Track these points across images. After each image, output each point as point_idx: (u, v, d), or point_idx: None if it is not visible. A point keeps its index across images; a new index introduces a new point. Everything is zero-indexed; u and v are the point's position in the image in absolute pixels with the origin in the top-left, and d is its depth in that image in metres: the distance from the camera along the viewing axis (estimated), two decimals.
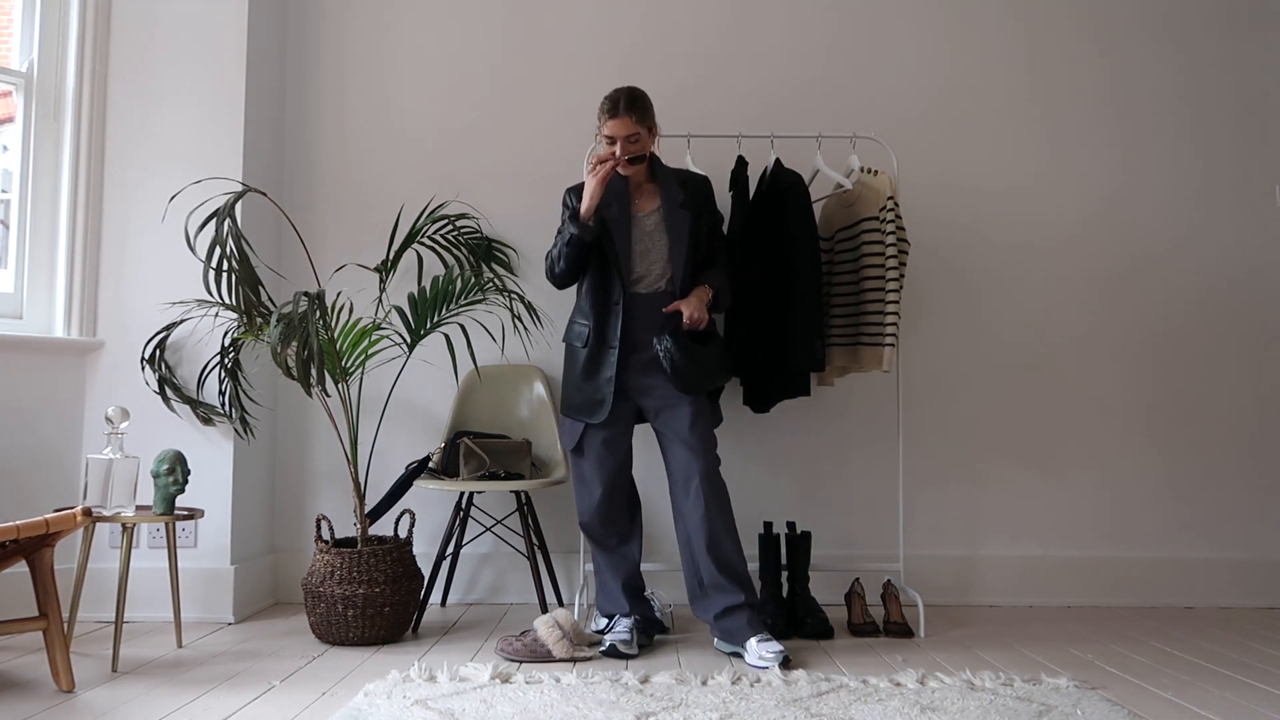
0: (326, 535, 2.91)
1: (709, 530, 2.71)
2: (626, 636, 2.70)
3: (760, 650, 2.58)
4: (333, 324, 2.80)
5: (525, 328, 3.35)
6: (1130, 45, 3.63)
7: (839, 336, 3.15)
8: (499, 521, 3.41)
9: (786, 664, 2.54)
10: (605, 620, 2.85)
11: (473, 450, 3.09)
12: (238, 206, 2.81)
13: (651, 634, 2.84)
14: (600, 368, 2.78)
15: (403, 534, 2.99)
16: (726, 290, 2.88)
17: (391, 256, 3.29)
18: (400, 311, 3.12)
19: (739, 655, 2.68)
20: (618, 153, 2.73)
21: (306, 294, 2.64)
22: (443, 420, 3.42)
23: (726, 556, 2.72)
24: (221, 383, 3.10)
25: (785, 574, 3.09)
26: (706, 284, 2.82)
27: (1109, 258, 3.58)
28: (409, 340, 3.13)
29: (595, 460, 2.80)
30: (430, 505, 3.37)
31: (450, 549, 3.19)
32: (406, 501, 3.15)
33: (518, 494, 3.16)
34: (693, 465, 2.74)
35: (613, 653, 2.66)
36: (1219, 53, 3.63)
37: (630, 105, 2.71)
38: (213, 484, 3.12)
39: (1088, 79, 3.62)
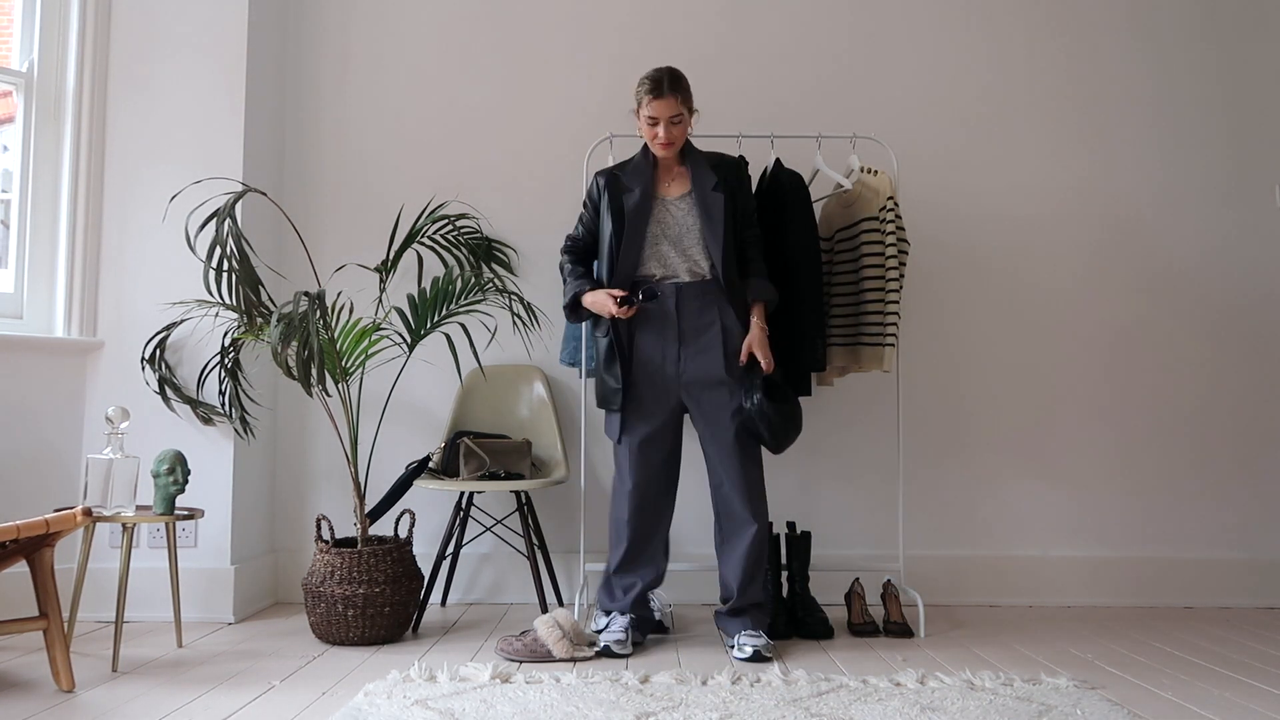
0: (326, 535, 2.91)
1: (745, 562, 2.77)
2: (621, 636, 2.70)
3: (740, 640, 2.68)
4: (333, 324, 2.80)
5: (525, 328, 3.35)
6: (1130, 46, 3.63)
7: (839, 336, 3.15)
8: (499, 521, 3.41)
9: (760, 658, 2.61)
10: (604, 618, 2.85)
11: (473, 450, 3.09)
12: (238, 206, 2.81)
13: (645, 632, 2.84)
14: (616, 355, 2.77)
15: (403, 534, 2.99)
16: (774, 292, 2.79)
17: (391, 256, 3.29)
18: (400, 311, 3.12)
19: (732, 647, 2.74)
20: (660, 134, 2.70)
21: (306, 294, 2.65)
22: (443, 420, 3.42)
23: (754, 585, 2.79)
24: (221, 383, 3.10)
25: (785, 574, 3.09)
26: (757, 299, 2.75)
27: (1109, 258, 3.58)
28: (409, 340, 3.13)
29: (630, 458, 2.78)
30: (430, 505, 3.37)
31: (450, 549, 3.19)
32: (406, 501, 3.15)
33: (518, 494, 3.16)
34: (727, 475, 2.76)
35: (607, 653, 2.67)
36: (1219, 53, 3.63)
37: (674, 85, 2.69)
38: (213, 484, 3.12)
39: (1087, 80, 3.62)
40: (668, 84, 2.69)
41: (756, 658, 2.62)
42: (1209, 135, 3.61)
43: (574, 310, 2.83)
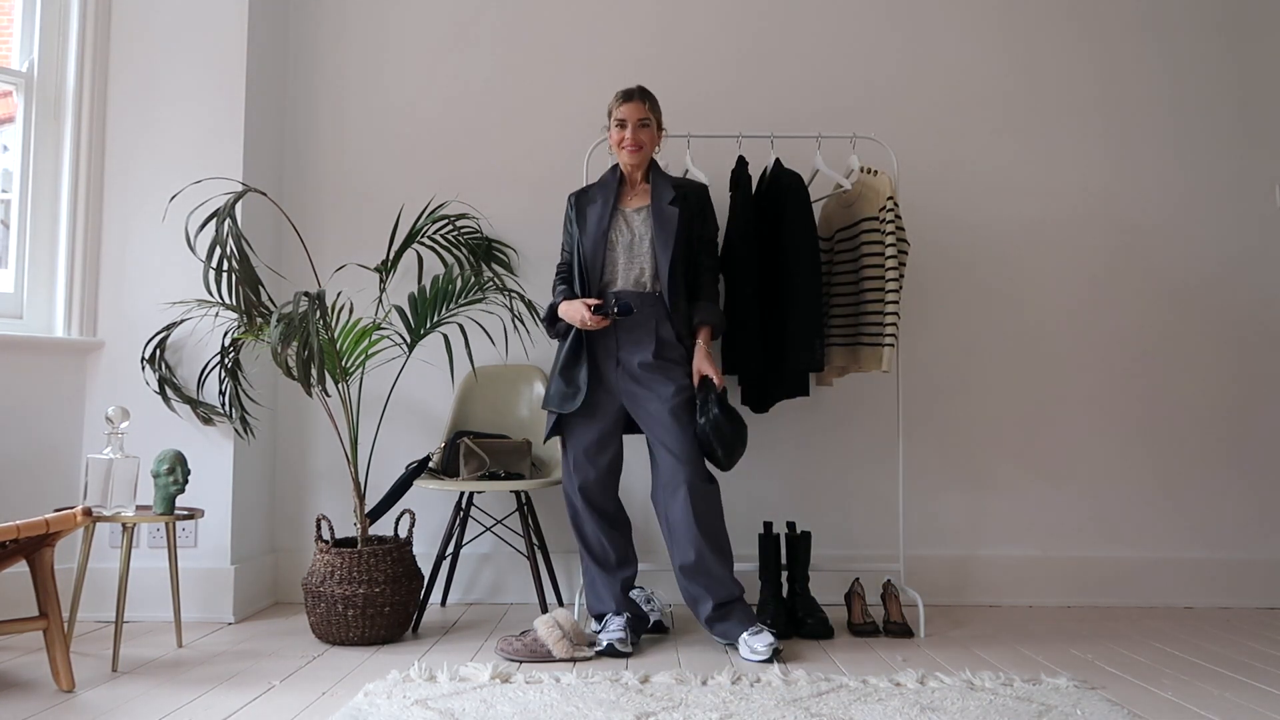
0: (326, 535, 2.91)
1: (695, 544, 2.73)
2: (622, 635, 2.70)
3: (751, 643, 2.63)
4: (333, 324, 2.80)
5: (525, 328, 3.35)
6: (1129, 45, 3.63)
7: (838, 336, 3.15)
8: (499, 521, 3.41)
9: (778, 655, 2.60)
10: (595, 620, 2.85)
11: (473, 450, 3.09)
12: (238, 206, 2.81)
13: (640, 631, 2.84)
14: (578, 361, 2.81)
15: (403, 534, 2.99)
16: (721, 317, 2.89)
17: (391, 256, 3.29)
18: (400, 311, 3.12)
19: (735, 648, 2.72)
20: (627, 136, 2.82)
21: (306, 294, 2.65)
22: (443, 420, 3.42)
23: (711, 570, 2.74)
24: (221, 383, 3.10)
25: (785, 574, 3.09)
26: (703, 323, 2.83)
27: (1108, 258, 3.58)
28: (409, 340, 3.13)
29: (577, 462, 2.81)
30: (430, 505, 3.37)
31: (450, 549, 3.19)
32: (406, 501, 3.15)
33: (518, 494, 3.16)
34: (679, 474, 2.74)
35: (610, 652, 2.67)
36: (1218, 52, 3.63)
37: (643, 93, 2.87)
38: (213, 484, 3.12)
39: (1087, 79, 3.62)
40: (638, 91, 2.86)
41: (775, 656, 2.60)
42: (1223, 135, 3.60)
43: (551, 323, 2.91)
